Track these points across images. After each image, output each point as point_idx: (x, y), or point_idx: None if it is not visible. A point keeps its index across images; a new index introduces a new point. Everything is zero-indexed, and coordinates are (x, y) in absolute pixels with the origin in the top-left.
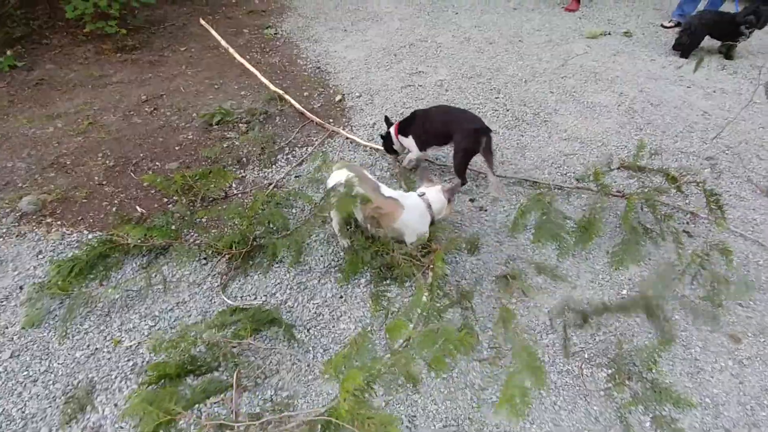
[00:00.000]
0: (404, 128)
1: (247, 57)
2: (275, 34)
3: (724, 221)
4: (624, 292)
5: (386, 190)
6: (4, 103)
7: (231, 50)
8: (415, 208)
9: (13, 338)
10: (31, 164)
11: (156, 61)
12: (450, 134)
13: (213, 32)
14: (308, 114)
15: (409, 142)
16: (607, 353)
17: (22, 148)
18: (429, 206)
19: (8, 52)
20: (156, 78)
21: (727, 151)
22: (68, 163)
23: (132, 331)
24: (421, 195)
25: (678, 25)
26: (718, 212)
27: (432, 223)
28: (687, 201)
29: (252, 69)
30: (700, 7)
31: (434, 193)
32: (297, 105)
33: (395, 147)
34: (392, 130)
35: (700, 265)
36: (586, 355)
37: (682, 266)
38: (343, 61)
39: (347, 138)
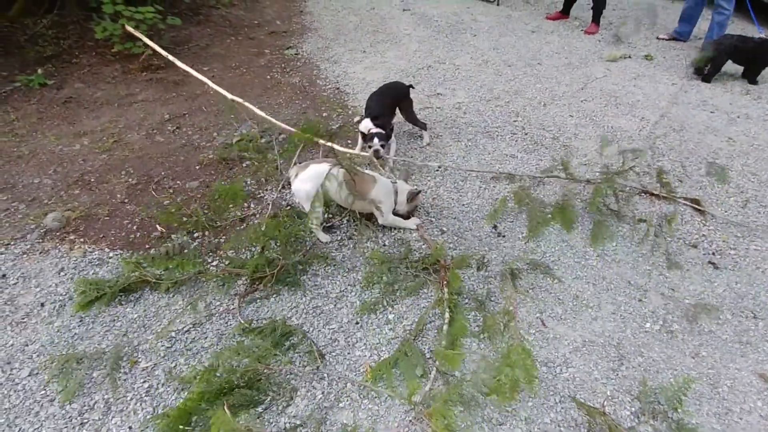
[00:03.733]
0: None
1: (268, 77)
2: (296, 54)
3: None
4: (648, 325)
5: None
6: (34, 120)
7: (190, 68)
8: (385, 185)
9: (32, 356)
10: (57, 181)
11: (180, 80)
12: (396, 104)
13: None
14: (285, 127)
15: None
16: (631, 390)
17: (49, 164)
18: (396, 192)
19: (39, 71)
20: (179, 97)
21: (752, 179)
22: (92, 180)
23: (148, 352)
24: (394, 182)
25: (673, 39)
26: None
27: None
28: (710, 228)
29: (212, 85)
30: (701, 25)
31: (404, 186)
32: (262, 114)
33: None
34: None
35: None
36: (608, 392)
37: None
38: (362, 82)
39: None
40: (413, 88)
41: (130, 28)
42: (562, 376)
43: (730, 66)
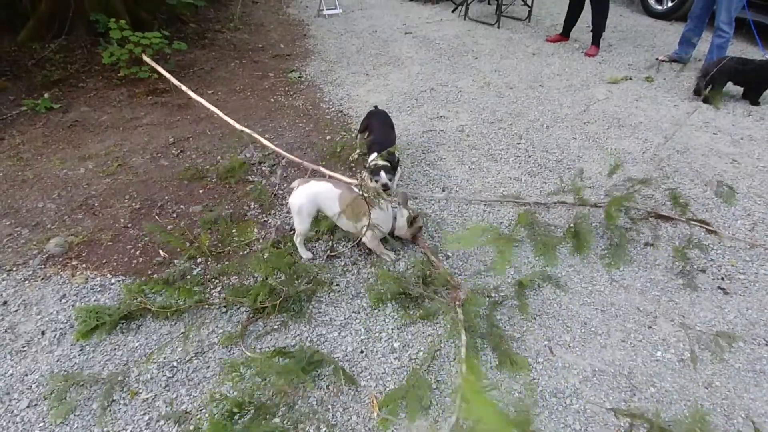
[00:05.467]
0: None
1: (272, 99)
2: (299, 77)
3: None
4: (659, 353)
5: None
6: (39, 143)
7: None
8: (383, 210)
9: (31, 386)
10: (61, 205)
11: (184, 104)
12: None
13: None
14: (285, 153)
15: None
16: (643, 422)
17: (53, 188)
18: (394, 218)
19: (46, 95)
20: (184, 120)
21: (759, 201)
22: (96, 204)
23: (149, 383)
24: (394, 207)
25: (673, 61)
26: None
27: (391, 235)
28: (718, 252)
29: (211, 107)
30: (701, 47)
31: (404, 211)
32: (270, 144)
33: None
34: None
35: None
36: (621, 424)
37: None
38: (365, 105)
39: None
40: (376, 106)
41: (147, 58)
42: (572, 408)
43: (730, 87)
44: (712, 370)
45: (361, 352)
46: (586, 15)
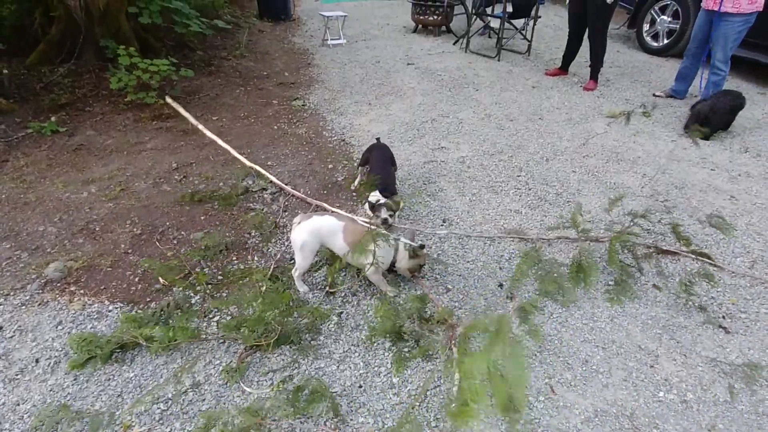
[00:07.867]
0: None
1: (275, 127)
2: (303, 105)
3: None
4: (661, 394)
5: (360, 220)
6: (43, 166)
7: (201, 126)
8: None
9: (23, 417)
10: (62, 229)
11: (189, 129)
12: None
13: (181, 110)
14: (287, 189)
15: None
16: None
17: (55, 212)
18: (396, 250)
19: (52, 118)
20: (188, 146)
21: (758, 238)
22: (97, 229)
23: (143, 415)
24: (396, 239)
25: (670, 97)
26: None
27: (391, 268)
28: (719, 290)
29: (222, 143)
30: (697, 83)
31: (406, 242)
32: (277, 181)
33: None
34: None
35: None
36: None
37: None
38: (367, 134)
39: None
40: (378, 138)
41: (170, 100)
42: None
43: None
44: (714, 412)
45: (360, 387)
46: (585, 50)
